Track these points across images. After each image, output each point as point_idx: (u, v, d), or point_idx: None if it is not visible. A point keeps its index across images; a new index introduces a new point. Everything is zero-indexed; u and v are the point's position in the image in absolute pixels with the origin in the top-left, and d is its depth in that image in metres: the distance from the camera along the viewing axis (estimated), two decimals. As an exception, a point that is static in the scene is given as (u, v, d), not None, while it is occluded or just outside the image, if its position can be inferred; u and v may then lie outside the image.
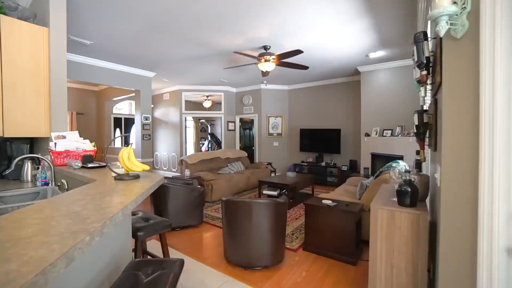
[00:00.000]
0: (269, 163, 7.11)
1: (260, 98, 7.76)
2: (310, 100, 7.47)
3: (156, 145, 8.69)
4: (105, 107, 7.57)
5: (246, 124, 9.31)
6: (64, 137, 2.19)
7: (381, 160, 5.16)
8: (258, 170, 6.23)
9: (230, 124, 8.17)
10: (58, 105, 2.40)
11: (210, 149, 10.38)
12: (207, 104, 9.38)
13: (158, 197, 3.38)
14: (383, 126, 5.36)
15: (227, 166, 6.03)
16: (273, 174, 6.97)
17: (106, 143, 7.62)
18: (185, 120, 7.85)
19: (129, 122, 8.41)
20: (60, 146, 2.13)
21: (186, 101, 7.90)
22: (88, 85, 7.50)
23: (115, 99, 7.14)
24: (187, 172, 4.62)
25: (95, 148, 2.38)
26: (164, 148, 8.33)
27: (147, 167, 1.60)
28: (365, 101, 5.65)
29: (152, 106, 8.00)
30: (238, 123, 8.39)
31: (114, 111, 7.85)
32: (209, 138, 10.79)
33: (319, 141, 7.01)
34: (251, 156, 8.66)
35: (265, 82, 7.20)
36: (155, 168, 8.75)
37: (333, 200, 2.89)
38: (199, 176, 4.62)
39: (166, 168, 8.29)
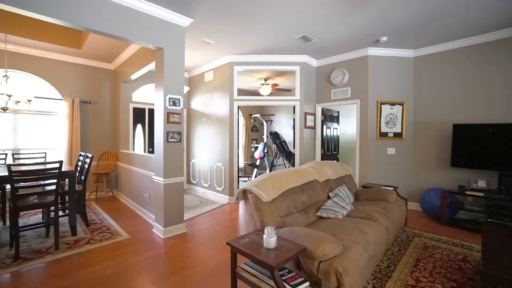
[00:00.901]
0: (395, 188, 3.78)
1: (365, 72, 4.47)
2: (462, 73, 3.94)
3: (193, 150, 5.97)
4: (121, 92, 5.05)
5: (326, 119, 6.05)
6: None
7: None
8: (387, 207, 2.96)
9: (308, 117, 5.03)
10: None
11: (266, 156, 7.37)
12: (265, 91, 6.39)
13: None
14: None
15: (330, 199, 2.88)
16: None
17: (121, 144, 5.10)
18: (238, 111, 4.94)
19: (158, 115, 5.85)
20: None
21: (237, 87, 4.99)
22: (99, 60, 5.07)
23: (133, 77, 4.56)
24: (269, 233, 1.60)
25: None
26: (205, 154, 5.56)
27: None
28: None
29: (187, 89, 5.22)
30: (320, 116, 5.21)
31: (134, 99, 5.31)
32: (266, 141, 7.78)
33: (498, 148, 3.47)
34: None
35: (384, 38, 3.89)
36: (191, 183, 6.03)
37: None
38: (303, 249, 1.58)
39: (207, 185, 5.50)
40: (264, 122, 7.78)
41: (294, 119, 4.98)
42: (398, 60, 4.47)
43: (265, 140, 7.77)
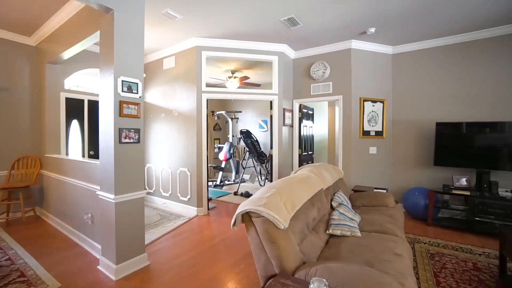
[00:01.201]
0: (385, 189, 3.53)
1: (348, 66, 4.17)
2: (441, 71, 3.96)
3: (149, 152, 4.94)
4: (47, 77, 3.75)
5: (303, 116, 5.68)
6: None
7: None
8: (391, 213, 2.64)
9: (286, 114, 4.53)
10: None
11: (232, 157, 6.68)
12: (232, 85, 5.72)
13: None
14: None
15: (335, 210, 2.39)
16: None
17: (48, 146, 3.80)
18: (206, 105, 4.15)
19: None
20: None
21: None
22: (13, 31, 3.68)
23: (65, 56, 3.38)
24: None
25: None
26: (165, 157, 4.61)
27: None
28: None
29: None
30: (297, 113, 4.77)
31: (68, 87, 4.04)
32: (231, 141, 7.09)
33: (477, 146, 3.51)
34: None
35: (372, 29, 3.62)
36: (148, 192, 4.99)
37: None
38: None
39: (168, 195, 4.56)
40: (230, 120, 7.08)
41: (271, 116, 4.42)
42: (379, 56, 4.31)
43: (230, 140, 7.08)
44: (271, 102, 4.42)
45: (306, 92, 4.60)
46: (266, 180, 5.69)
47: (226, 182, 6.72)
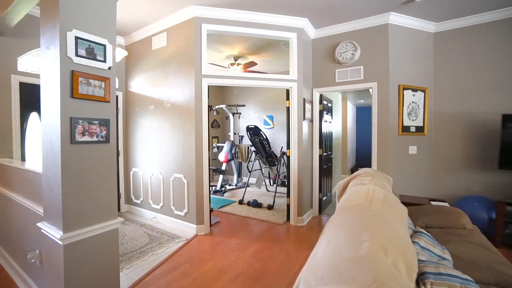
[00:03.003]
0: (443, 201, 2.73)
1: (385, 46, 3.34)
2: (503, 52, 3.18)
3: (135, 154, 4.01)
4: (-5, 54, 2.78)
5: (323, 109, 4.83)
6: None
7: None
8: (482, 242, 1.84)
9: (307, 106, 3.67)
10: None
11: (234, 157, 5.79)
12: (234, 73, 4.83)
13: None
14: None
15: (415, 242, 1.55)
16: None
17: (-5, 150, 2.83)
18: (207, 93, 3.25)
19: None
20: None
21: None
22: None
23: (14, 20, 2.42)
24: None
25: None
26: (155, 160, 3.69)
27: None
28: None
29: (123, 53, 3.27)
30: (317, 106, 3.92)
31: (23, 68, 3.06)
32: (233, 140, 6.21)
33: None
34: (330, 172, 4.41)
35: (423, -6, 2.79)
36: (133, 203, 4.06)
37: None
38: None
39: (159, 207, 3.64)
40: (231, 116, 6.18)
41: (288, 108, 3.55)
42: (419, 35, 3.49)
43: (231, 138, 6.18)
44: (287, 90, 3.55)
45: (329, 79, 3.75)
46: (278, 186, 4.83)
47: (228, 187, 5.83)
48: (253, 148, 5.20)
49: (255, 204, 4.30)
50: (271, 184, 5.07)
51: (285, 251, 2.72)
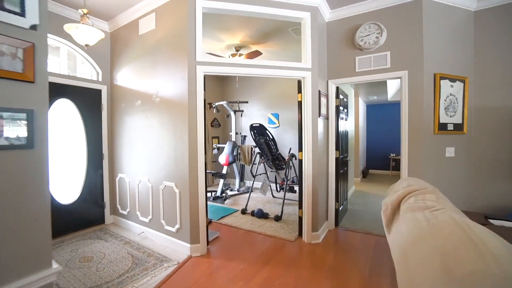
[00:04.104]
0: (507, 220, 2.15)
1: (418, 27, 2.75)
2: None
3: (121, 157, 3.46)
4: None
5: (340, 105, 4.25)
6: None
7: None
8: None
9: (322, 100, 3.10)
10: None
11: (237, 159, 5.23)
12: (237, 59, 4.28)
13: None
14: None
15: None
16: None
17: None
18: (204, 84, 2.69)
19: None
20: None
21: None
22: None
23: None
24: None
25: None
26: (143, 165, 3.14)
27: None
28: None
29: (99, 35, 2.68)
30: (333, 101, 3.34)
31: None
32: (234, 140, 5.67)
33: None
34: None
35: None
36: (119, 213, 3.52)
37: None
38: None
39: (148, 220, 3.09)
40: (232, 114, 5.61)
41: (300, 103, 2.98)
42: (457, 13, 2.91)
43: (233, 138, 5.62)
44: (299, 82, 2.98)
45: (348, 68, 3.17)
46: (286, 192, 4.27)
47: (229, 192, 5.28)
48: (257, 150, 4.64)
49: (261, 215, 3.74)
50: (278, 190, 4.52)
51: (301, 282, 2.15)
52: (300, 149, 2.98)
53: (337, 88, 3.36)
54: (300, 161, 2.99)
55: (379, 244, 2.91)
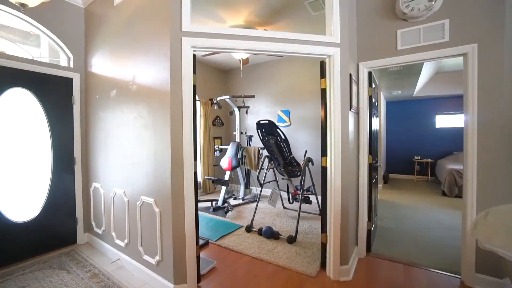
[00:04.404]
0: None
1: (492, -21, 1.96)
2: None
3: (96, 163, 2.78)
4: None
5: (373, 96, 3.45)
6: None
7: None
8: None
9: (353, 88, 2.33)
10: None
11: (241, 163, 4.50)
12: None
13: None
14: None
15: None
16: None
17: None
18: (193, 65, 1.95)
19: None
20: None
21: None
22: None
23: None
24: None
25: None
26: (118, 173, 2.44)
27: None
28: None
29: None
30: (365, 89, 2.56)
31: None
32: (239, 141, 4.95)
33: None
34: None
35: None
36: (93, 231, 2.83)
37: None
38: None
39: (124, 244, 2.38)
40: (236, 110, 4.88)
41: (323, 90, 2.21)
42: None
43: (237, 139, 4.89)
44: (322, 64, 2.22)
45: (386, 46, 2.39)
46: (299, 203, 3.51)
47: (233, 202, 4.55)
48: (265, 152, 3.89)
49: (270, 234, 2.98)
50: (291, 201, 3.77)
51: None
52: (324, 154, 2.21)
53: (370, 73, 2.58)
54: (324, 169, 2.22)
55: (432, 283, 2.11)
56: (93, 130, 2.79)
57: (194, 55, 1.95)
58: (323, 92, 2.21)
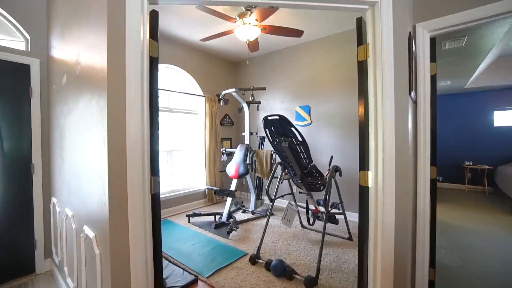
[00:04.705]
0: None
1: None
2: None
3: (55, 172, 2.16)
4: None
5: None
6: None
7: None
8: None
9: (412, 55, 1.45)
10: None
11: (252, 170, 3.73)
12: (245, 33, 2.88)
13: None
14: None
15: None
16: None
17: None
18: (150, 26, 1.21)
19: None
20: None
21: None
22: None
23: None
24: None
25: None
26: (72, 188, 1.79)
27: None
28: None
29: None
30: (427, 66, 1.65)
31: None
32: (249, 144, 4.18)
33: None
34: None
35: None
36: (53, 258, 2.20)
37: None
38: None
39: (76, 286, 1.72)
40: (245, 106, 4.11)
41: (360, 64, 1.36)
42: None
43: (246, 140, 4.11)
44: (359, 21, 1.36)
45: (467, -8, 1.48)
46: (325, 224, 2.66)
47: (240, 216, 3.79)
48: (277, 158, 3.08)
49: (281, 271, 2.16)
50: (311, 223, 2.91)
51: None
52: (364, 167, 1.36)
53: (434, 41, 1.68)
54: (364, 191, 1.37)
55: None
56: (53, 129, 2.18)
57: (157, 15, 1.21)
58: (361, 67, 1.36)
